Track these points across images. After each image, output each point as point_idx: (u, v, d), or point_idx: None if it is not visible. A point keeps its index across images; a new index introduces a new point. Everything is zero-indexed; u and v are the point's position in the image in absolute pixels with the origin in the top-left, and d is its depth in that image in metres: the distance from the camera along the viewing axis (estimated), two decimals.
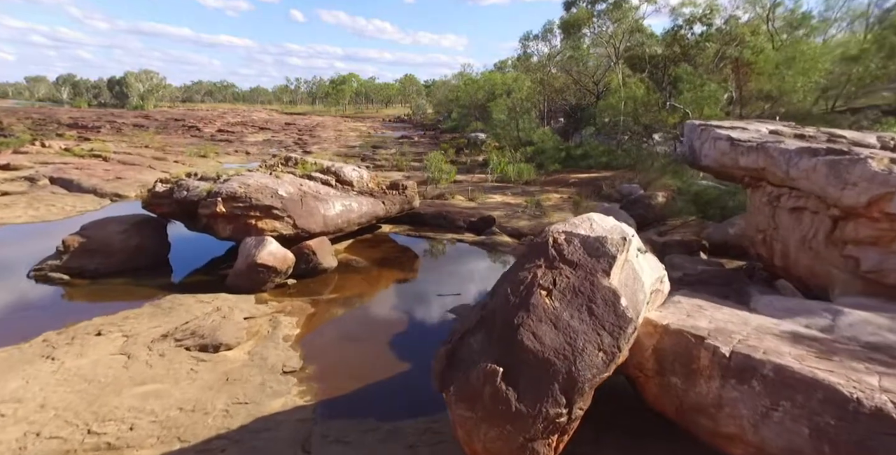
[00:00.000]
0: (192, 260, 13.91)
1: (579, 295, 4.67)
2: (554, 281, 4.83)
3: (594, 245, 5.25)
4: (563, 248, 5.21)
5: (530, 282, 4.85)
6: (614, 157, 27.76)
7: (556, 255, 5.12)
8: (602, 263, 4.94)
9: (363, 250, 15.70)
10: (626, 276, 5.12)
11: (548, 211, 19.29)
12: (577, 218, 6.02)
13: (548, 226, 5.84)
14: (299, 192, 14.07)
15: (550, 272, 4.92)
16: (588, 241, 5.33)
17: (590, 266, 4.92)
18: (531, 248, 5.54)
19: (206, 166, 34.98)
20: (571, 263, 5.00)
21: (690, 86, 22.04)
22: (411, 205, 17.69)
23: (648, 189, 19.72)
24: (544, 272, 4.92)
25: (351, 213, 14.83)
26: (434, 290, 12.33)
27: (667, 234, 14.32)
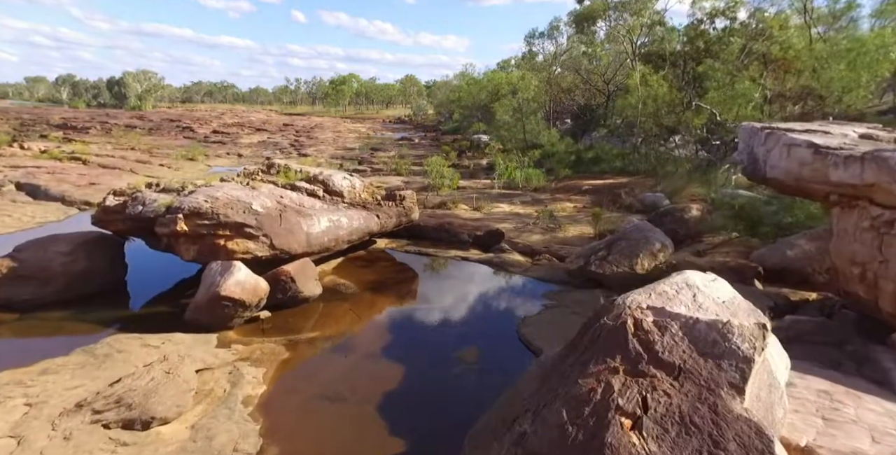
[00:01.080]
0: (152, 284, 11.91)
1: (692, 431, 2.66)
2: (643, 401, 2.83)
3: (709, 336, 3.21)
4: (654, 340, 3.18)
5: (602, 402, 2.85)
6: (629, 162, 25.74)
7: (643, 352, 3.11)
8: (728, 371, 2.93)
9: (354, 271, 13.68)
10: (759, 384, 3.08)
11: (562, 224, 17.26)
12: (666, 282, 3.98)
13: (623, 302, 3.74)
14: (278, 206, 12.05)
15: (635, 383, 2.92)
16: (697, 330, 3.28)
17: (706, 375, 2.91)
18: (597, 335, 3.49)
19: (193, 170, 33.02)
20: (671, 368, 2.99)
21: (718, 84, 20.03)
22: (409, 217, 15.67)
23: (674, 199, 17.70)
24: (624, 383, 2.92)
25: (340, 229, 12.82)
26: (438, 324, 10.30)
27: (707, 253, 12.30)
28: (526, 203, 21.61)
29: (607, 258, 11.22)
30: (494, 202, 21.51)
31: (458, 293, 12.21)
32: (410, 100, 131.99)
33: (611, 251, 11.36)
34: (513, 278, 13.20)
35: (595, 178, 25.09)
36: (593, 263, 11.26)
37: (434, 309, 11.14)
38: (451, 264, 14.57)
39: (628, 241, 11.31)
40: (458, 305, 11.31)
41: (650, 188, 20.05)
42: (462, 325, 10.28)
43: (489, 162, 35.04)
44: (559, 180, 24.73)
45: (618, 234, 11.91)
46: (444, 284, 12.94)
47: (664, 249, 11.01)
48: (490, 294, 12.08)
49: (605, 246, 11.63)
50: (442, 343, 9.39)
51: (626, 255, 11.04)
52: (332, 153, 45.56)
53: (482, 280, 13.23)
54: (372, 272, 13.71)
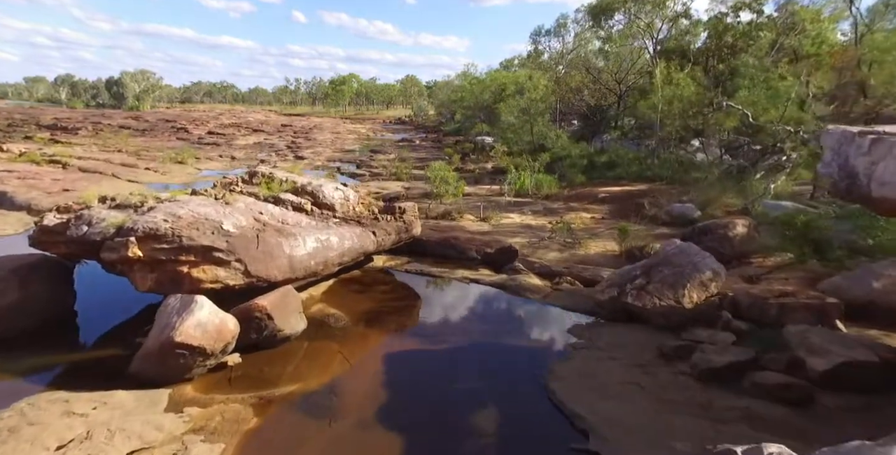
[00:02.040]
0: (106, 316, 10.07)
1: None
2: None
3: None
4: None
5: None
6: (647, 167, 23.88)
7: None
8: None
9: (347, 297, 11.83)
10: None
11: (581, 238, 15.39)
12: None
13: None
14: (256, 224, 10.21)
15: None
16: None
17: None
18: None
19: (182, 174, 31.20)
20: None
21: (751, 82, 18.15)
22: (410, 233, 13.83)
23: (706, 210, 15.84)
24: None
25: (329, 250, 10.96)
26: (446, 374, 8.44)
27: (761, 280, 10.43)
28: (538, 213, 19.75)
29: (646, 287, 9.37)
30: (503, 212, 19.66)
31: (468, 327, 10.34)
32: (411, 100, 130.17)
33: (650, 279, 9.51)
34: (531, 307, 11.33)
35: (611, 185, 23.23)
36: (629, 293, 9.41)
37: (440, 351, 9.27)
38: (458, 288, 12.71)
39: (671, 267, 9.46)
40: (469, 346, 9.44)
41: (676, 197, 18.18)
42: (475, 374, 8.41)
43: (494, 166, 33.19)
44: (572, 187, 22.88)
45: (656, 258, 10.06)
46: (451, 315, 11.07)
47: (716, 278, 9.17)
48: (506, 329, 10.21)
49: (643, 272, 9.77)
50: (452, 402, 7.52)
51: (669, 284, 9.19)
52: (330, 156, 43.74)
53: (495, 309, 11.36)
54: (367, 298, 11.87)
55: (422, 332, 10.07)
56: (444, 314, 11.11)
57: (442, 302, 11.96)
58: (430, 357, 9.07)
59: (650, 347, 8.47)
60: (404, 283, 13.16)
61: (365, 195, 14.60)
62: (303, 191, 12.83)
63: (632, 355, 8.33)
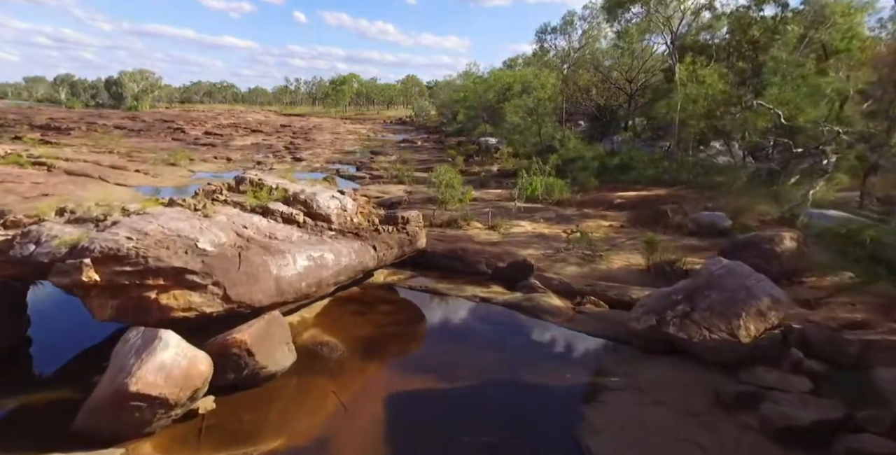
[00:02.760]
0: (64, 344, 8.76)
1: None
2: None
3: None
4: None
5: None
6: (664, 170, 22.52)
7: None
8: None
9: (343, 320, 10.50)
10: None
11: (602, 250, 14.03)
12: None
13: None
14: (238, 241, 8.86)
15: None
16: None
17: None
18: None
19: (173, 176, 29.85)
20: None
21: (782, 79, 16.74)
22: (415, 246, 12.48)
23: (738, 219, 14.47)
24: None
25: (323, 269, 9.61)
26: (457, 424, 7.09)
27: (821, 305, 9.06)
28: (550, 220, 18.39)
29: (692, 316, 8.02)
30: (513, 219, 18.30)
31: (481, 359, 8.97)
32: (412, 100, 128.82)
33: (695, 305, 8.16)
34: (552, 333, 9.98)
35: (626, 189, 21.88)
36: (671, 323, 8.06)
37: (450, 390, 7.92)
38: (468, 309, 11.36)
39: (720, 292, 8.12)
40: (484, 384, 8.08)
41: (700, 204, 16.81)
42: (492, 423, 7.06)
43: (500, 168, 31.85)
44: (585, 192, 21.52)
45: (700, 280, 8.72)
46: (461, 343, 9.71)
47: (776, 307, 7.82)
48: (526, 361, 8.84)
49: (685, 297, 8.43)
50: None
51: (719, 313, 7.85)
52: (329, 157, 42.40)
53: (512, 336, 10.00)
54: (366, 322, 10.53)
55: (428, 366, 8.71)
56: (453, 342, 9.75)
57: (450, 326, 10.61)
58: (438, 399, 7.72)
59: (703, 390, 7.13)
60: (408, 303, 11.82)
61: (364, 203, 13.25)
62: (295, 200, 11.48)
63: (682, 400, 6.98)
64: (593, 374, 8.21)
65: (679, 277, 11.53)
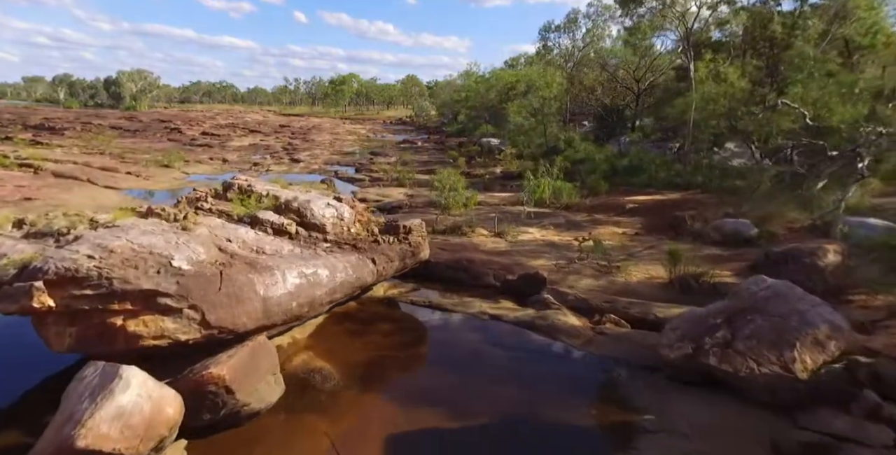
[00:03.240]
0: (21, 376, 7.75)
1: None
2: None
3: None
4: None
5: None
6: (677, 173, 21.55)
7: None
8: None
9: (339, 341, 9.52)
10: None
11: (618, 260, 13.03)
12: None
13: None
14: (220, 257, 7.88)
15: None
16: None
17: None
18: None
19: (166, 178, 28.87)
20: None
21: (808, 76, 15.75)
22: (417, 257, 11.50)
23: (765, 227, 13.48)
24: None
25: (316, 287, 8.62)
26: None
27: (877, 329, 8.06)
28: (559, 227, 17.41)
29: (734, 344, 7.04)
30: (520, 225, 17.31)
31: (492, 390, 7.98)
32: (412, 100, 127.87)
33: (737, 332, 7.18)
34: (571, 358, 9.00)
35: (637, 193, 20.89)
36: (711, 352, 7.08)
37: (458, 430, 6.92)
38: (476, 327, 10.36)
39: (766, 317, 7.15)
40: (497, 423, 7.08)
41: (720, 209, 15.81)
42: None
43: (503, 170, 30.89)
44: (595, 196, 20.54)
45: (740, 302, 7.74)
46: (470, 370, 8.71)
47: (836, 335, 6.82)
48: (544, 394, 7.84)
49: (724, 321, 7.45)
50: None
51: (768, 342, 6.87)
52: (328, 158, 41.43)
53: (526, 361, 9.01)
54: (364, 343, 9.55)
55: (432, 399, 7.70)
56: (460, 369, 8.76)
57: (457, 349, 9.61)
58: (442, 440, 6.72)
59: (755, 436, 6.14)
60: (410, 320, 10.85)
61: (363, 210, 12.27)
62: (286, 208, 10.50)
63: (732, 449, 5.99)
64: (622, 411, 7.22)
65: (706, 293, 10.57)
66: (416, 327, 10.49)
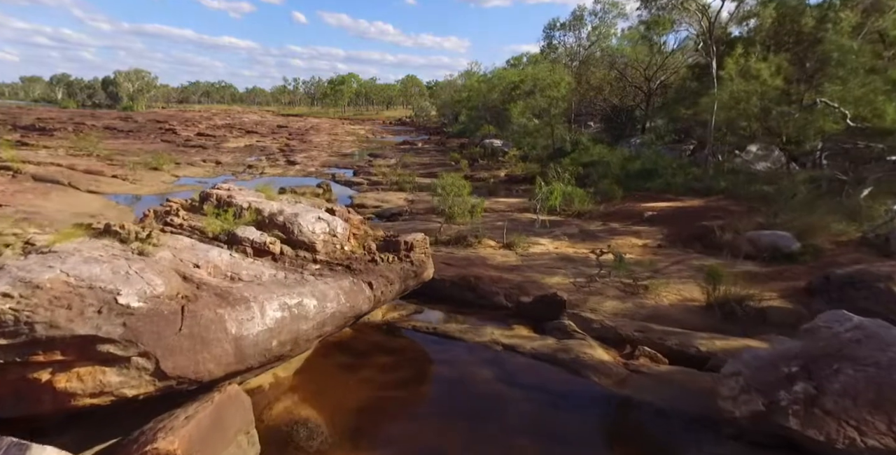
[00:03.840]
0: None
1: None
2: None
3: None
4: None
5: None
6: (695, 177, 20.21)
7: None
8: None
9: (329, 380, 8.17)
10: None
11: (642, 277, 11.67)
12: None
13: None
14: (184, 288, 6.52)
15: None
16: None
17: None
18: None
19: (154, 182, 27.48)
20: None
21: (851, 73, 14.37)
22: (420, 278, 10.12)
23: (808, 240, 12.13)
24: None
25: (302, 320, 7.26)
26: None
27: None
28: (573, 237, 16.06)
29: (820, 402, 5.68)
30: (530, 235, 15.95)
31: (514, 445, 6.62)
32: (411, 100, 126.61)
33: (823, 385, 5.82)
34: (603, 403, 7.63)
35: (654, 199, 19.54)
36: (790, 411, 5.72)
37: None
38: (488, 361, 8.99)
39: (860, 367, 5.79)
40: None
41: (751, 218, 14.44)
42: None
43: (508, 173, 29.56)
44: (609, 202, 19.19)
45: (818, 342, 6.38)
46: (482, 421, 7.35)
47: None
48: (576, 452, 6.47)
49: (801, 368, 6.09)
50: None
51: (867, 401, 5.50)
52: (325, 160, 40.10)
53: (550, 408, 7.62)
54: (359, 381, 8.20)
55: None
56: (471, 415, 7.40)
57: (467, 389, 8.24)
58: None
59: None
60: (412, 350, 9.50)
61: (359, 223, 10.90)
62: (270, 223, 9.14)
63: None
64: None
65: (755, 321, 9.22)
66: (419, 360, 9.14)
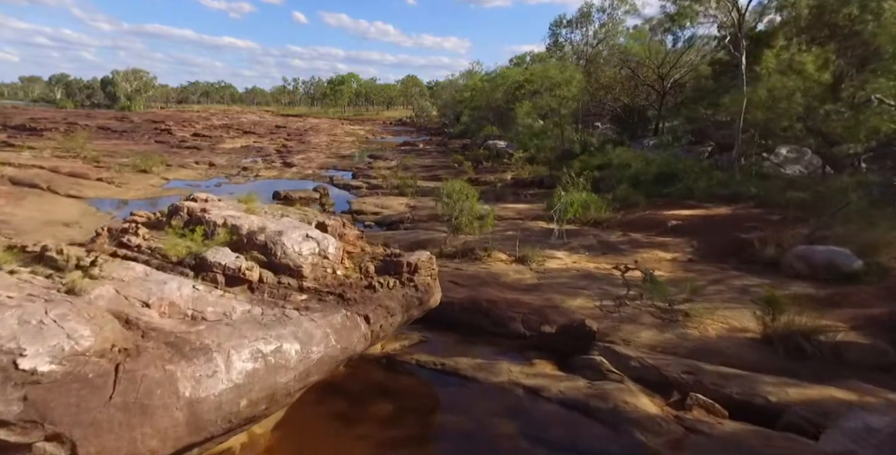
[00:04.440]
0: None
1: None
2: None
3: None
4: None
5: None
6: (719, 182, 18.75)
7: None
8: None
9: (318, 435, 6.74)
10: None
11: (678, 300, 10.17)
12: None
13: None
14: (122, 338, 5.04)
15: None
16: None
17: None
18: None
19: (142, 185, 25.95)
20: None
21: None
22: (426, 305, 8.64)
23: (871, 258, 10.64)
24: None
25: (280, 371, 5.79)
26: None
27: None
28: (592, 250, 14.57)
29: None
30: (545, 247, 14.47)
31: None
32: (412, 101, 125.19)
33: None
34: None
35: (676, 206, 18.05)
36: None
37: None
38: (508, 409, 7.51)
39: None
40: None
41: (793, 229, 12.95)
42: None
43: (515, 176, 28.07)
44: (628, 210, 17.71)
45: None
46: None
47: None
48: None
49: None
50: None
51: None
52: (323, 162, 38.64)
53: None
54: (354, 439, 6.75)
55: None
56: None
57: (485, 447, 6.75)
58: None
59: None
60: (417, 394, 8.04)
61: (355, 238, 9.43)
62: (250, 243, 7.67)
63: None
64: None
65: (828, 360, 7.73)
66: (426, 409, 7.67)
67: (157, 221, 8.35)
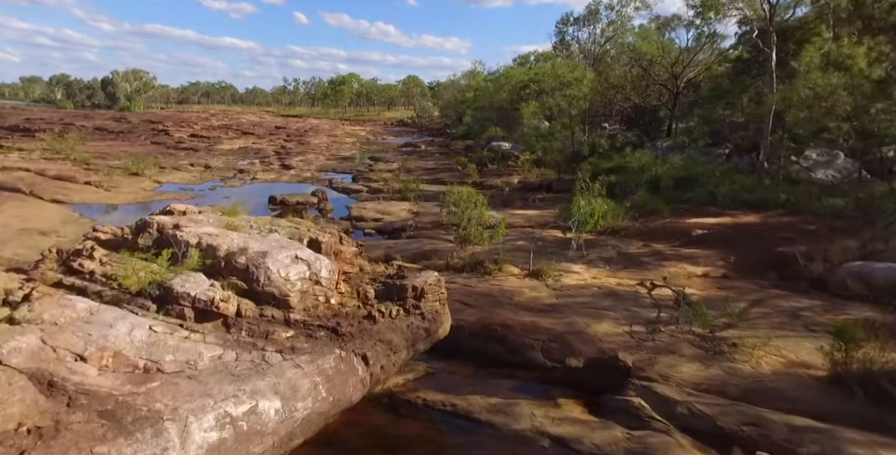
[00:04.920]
0: None
1: None
2: None
3: None
4: None
5: None
6: (743, 187, 17.52)
7: None
8: None
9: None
10: None
11: (720, 326, 8.94)
12: None
13: None
14: (33, 416, 3.83)
15: None
16: None
17: None
18: None
19: (132, 189, 24.71)
20: None
21: None
22: (434, 336, 7.46)
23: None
24: None
25: (255, 439, 4.57)
26: None
27: None
28: (613, 263, 13.33)
29: None
30: (560, 259, 13.22)
31: None
32: (413, 101, 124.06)
33: None
34: None
35: (698, 213, 16.82)
36: None
37: None
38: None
39: None
40: None
41: (839, 241, 11.72)
42: None
43: (522, 180, 26.86)
44: (647, 218, 16.47)
45: None
46: None
47: None
48: None
49: None
50: None
51: None
52: (322, 164, 37.44)
53: None
54: None
55: None
56: None
57: None
58: None
59: None
60: (424, 445, 6.81)
61: (352, 257, 8.24)
62: (228, 267, 6.47)
63: None
64: None
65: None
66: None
67: (123, 240, 7.16)
